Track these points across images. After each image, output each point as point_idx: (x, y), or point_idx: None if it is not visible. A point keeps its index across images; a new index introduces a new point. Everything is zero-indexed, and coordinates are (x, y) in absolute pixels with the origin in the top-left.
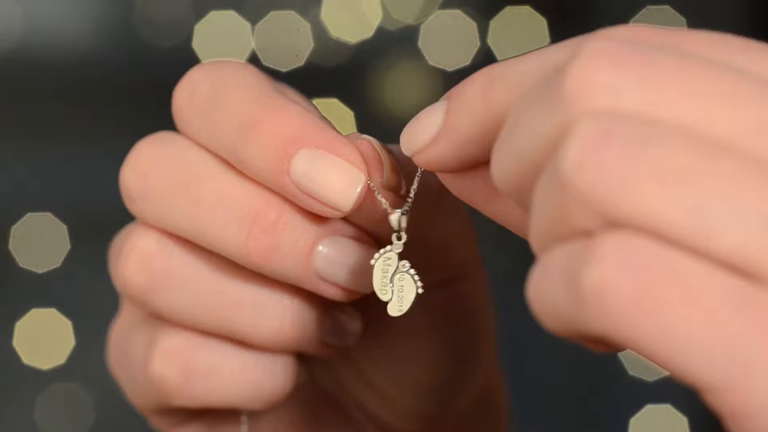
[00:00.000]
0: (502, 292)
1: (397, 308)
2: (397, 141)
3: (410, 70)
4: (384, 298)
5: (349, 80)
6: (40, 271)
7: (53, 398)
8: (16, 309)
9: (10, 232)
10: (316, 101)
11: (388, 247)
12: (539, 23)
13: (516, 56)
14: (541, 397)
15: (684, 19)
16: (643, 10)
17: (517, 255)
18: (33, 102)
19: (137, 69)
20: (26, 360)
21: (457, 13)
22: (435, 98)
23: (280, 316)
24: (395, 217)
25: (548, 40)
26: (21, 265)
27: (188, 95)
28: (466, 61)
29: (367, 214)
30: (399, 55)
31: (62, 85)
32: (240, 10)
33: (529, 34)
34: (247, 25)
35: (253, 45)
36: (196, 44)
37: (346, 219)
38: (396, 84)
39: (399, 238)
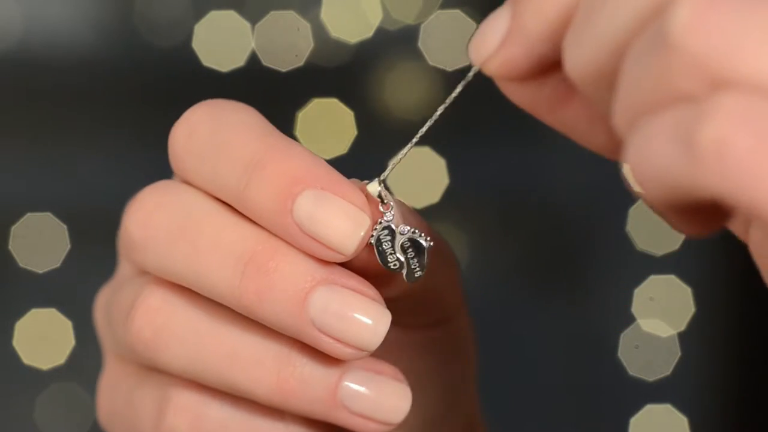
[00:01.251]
0: (502, 292)
1: (413, 273)
2: (397, 141)
3: (410, 70)
4: (395, 270)
5: (349, 80)
6: (40, 271)
7: (53, 398)
8: (16, 309)
9: (10, 232)
10: (316, 101)
11: (380, 221)
12: None
13: None
14: (541, 397)
15: None
16: None
17: (517, 256)
18: (33, 102)
19: (137, 69)
20: (26, 360)
21: (457, 13)
22: (435, 98)
23: (279, 370)
24: (373, 188)
25: None
26: (21, 265)
27: (186, 136)
28: (466, 61)
29: (369, 262)
30: (399, 55)
31: (62, 85)
32: (240, 10)
33: None
34: (247, 25)
35: (253, 45)
36: (196, 44)
37: (347, 268)
38: (396, 84)
39: (385, 207)
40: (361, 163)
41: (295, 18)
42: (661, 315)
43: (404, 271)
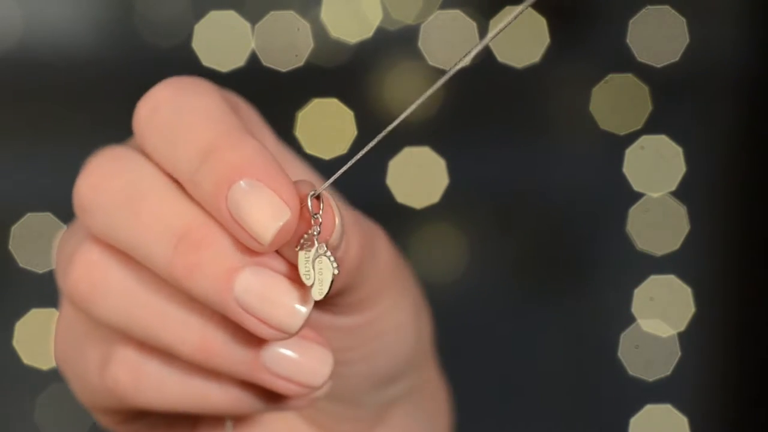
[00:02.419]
0: (502, 292)
1: (318, 291)
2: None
3: (410, 70)
4: (307, 282)
5: (349, 80)
6: (40, 271)
7: (53, 398)
8: (16, 309)
9: (10, 232)
10: (316, 101)
11: (310, 231)
12: (539, 23)
13: None
14: (540, 397)
15: (684, 19)
16: (643, 10)
17: (517, 256)
18: (33, 102)
19: (137, 69)
20: (26, 360)
21: (457, 13)
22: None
23: (203, 331)
24: (309, 202)
25: (548, 40)
26: (21, 265)
27: (150, 113)
28: (466, 61)
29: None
30: (399, 55)
31: (62, 85)
32: (240, 10)
33: (529, 34)
34: (247, 25)
35: (253, 45)
36: (196, 44)
37: (281, 256)
38: (396, 84)
39: (315, 221)
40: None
41: (295, 18)
42: (661, 315)
43: (313, 288)
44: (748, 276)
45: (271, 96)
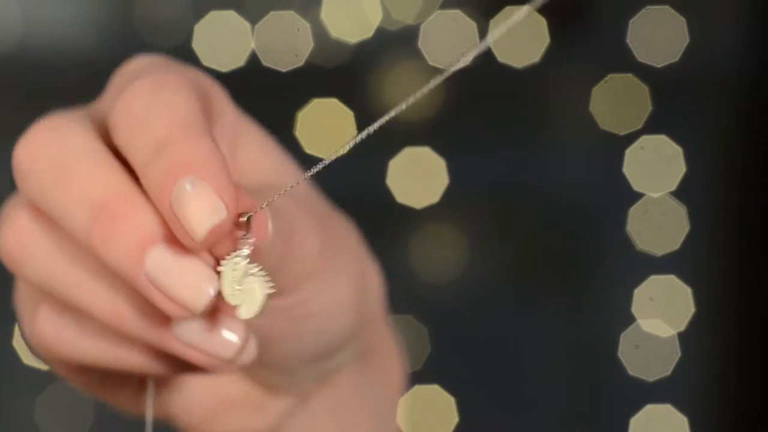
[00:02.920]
0: (501, 292)
1: (247, 311)
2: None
3: (410, 70)
4: (234, 302)
5: (349, 80)
6: None
7: (53, 398)
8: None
9: None
10: (316, 101)
11: (236, 252)
12: (539, 23)
13: None
14: (541, 397)
15: (684, 19)
16: (643, 10)
17: (517, 256)
18: (33, 102)
19: None
20: (26, 360)
21: (457, 13)
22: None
23: (116, 298)
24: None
25: (548, 40)
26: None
27: (124, 103)
28: (466, 61)
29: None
30: (399, 55)
31: (62, 85)
32: (240, 10)
33: (529, 34)
34: (247, 25)
35: (252, 45)
36: (196, 44)
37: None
38: (396, 84)
39: (245, 242)
40: (361, 162)
41: (295, 18)
42: (661, 315)
43: (241, 307)
44: (748, 276)
45: (271, 96)
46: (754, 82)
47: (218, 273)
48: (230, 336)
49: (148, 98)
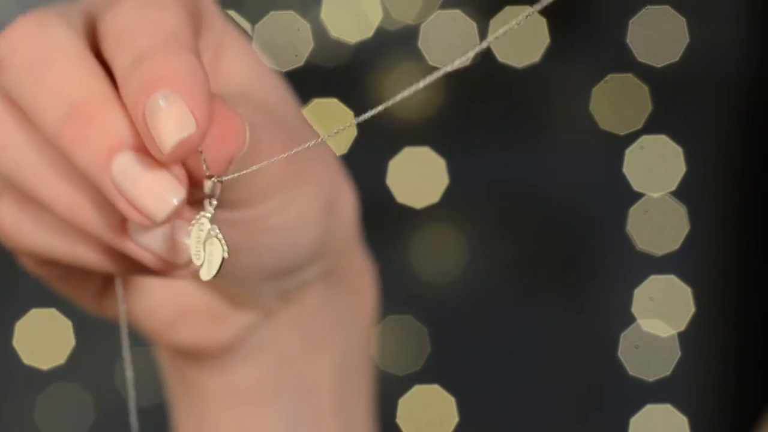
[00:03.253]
0: (501, 292)
1: (206, 272)
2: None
3: (410, 70)
4: (197, 262)
5: (349, 80)
6: None
7: (53, 398)
8: (16, 309)
9: None
10: (316, 101)
11: (201, 213)
12: (539, 23)
13: None
14: (541, 397)
15: (684, 19)
16: (643, 9)
17: (517, 256)
18: None
19: None
20: (26, 360)
21: (457, 13)
22: (435, 98)
23: (74, 194)
24: (208, 184)
25: (548, 40)
26: (21, 264)
27: (115, 13)
28: (466, 61)
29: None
30: (399, 55)
31: None
32: (240, 10)
33: (529, 34)
34: (247, 25)
35: (252, 45)
36: None
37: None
38: (396, 84)
39: (210, 204)
40: (361, 163)
41: (295, 18)
42: (661, 315)
43: (201, 268)
44: (748, 276)
45: None
46: (754, 82)
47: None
48: (168, 195)
49: (137, 12)
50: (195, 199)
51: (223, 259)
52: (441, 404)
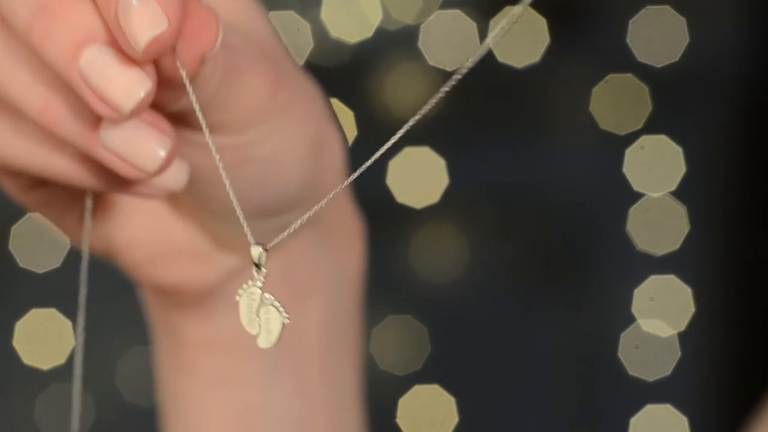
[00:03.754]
0: (501, 292)
1: (265, 340)
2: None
3: (410, 70)
4: (252, 332)
5: (349, 80)
6: (40, 271)
7: (53, 398)
8: (16, 309)
9: (10, 232)
10: None
11: (250, 282)
12: (539, 23)
13: None
14: (541, 397)
15: (684, 19)
16: (643, 9)
17: (517, 256)
18: None
19: None
20: (26, 360)
21: (457, 13)
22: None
23: (48, 97)
24: (256, 252)
25: (548, 40)
26: (21, 265)
27: None
28: (465, 61)
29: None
30: (399, 55)
31: None
32: None
33: (529, 34)
34: None
35: None
36: None
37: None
38: (396, 84)
39: (259, 272)
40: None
41: (295, 18)
42: (661, 315)
43: (259, 335)
44: (748, 276)
45: None
46: (754, 81)
47: (236, 302)
48: (155, 149)
49: None
50: (168, 107)
51: (283, 324)
52: (441, 404)
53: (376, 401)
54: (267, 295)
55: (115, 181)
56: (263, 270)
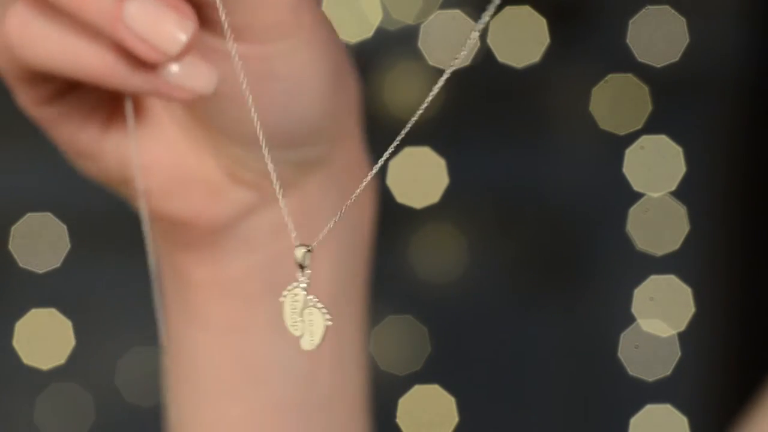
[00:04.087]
0: (501, 292)
1: (308, 342)
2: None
3: (410, 70)
4: (296, 333)
5: None
6: (40, 271)
7: (53, 398)
8: (16, 309)
9: (10, 232)
10: None
11: (294, 284)
12: (539, 23)
13: None
14: (541, 397)
15: (684, 19)
16: (643, 9)
17: (517, 256)
18: None
19: None
20: (26, 360)
21: (457, 13)
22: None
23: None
24: (300, 253)
25: (548, 40)
26: (21, 265)
27: None
28: (466, 61)
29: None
30: (399, 55)
31: None
32: None
33: (529, 34)
34: None
35: None
36: None
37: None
38: (396, 84)
39: (303, 274)
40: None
41: None
42: (661, 315)
43: (302, 337)
44: (748, 276)
45: None
46: (754, 82)
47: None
48: (176, 32)
49: None
50: (204, 18)
51: (326, 326)
52: (441, 404)
53: (376, 401)
54: (311, 297)
55: (144, 79)
56: (308, 271)
